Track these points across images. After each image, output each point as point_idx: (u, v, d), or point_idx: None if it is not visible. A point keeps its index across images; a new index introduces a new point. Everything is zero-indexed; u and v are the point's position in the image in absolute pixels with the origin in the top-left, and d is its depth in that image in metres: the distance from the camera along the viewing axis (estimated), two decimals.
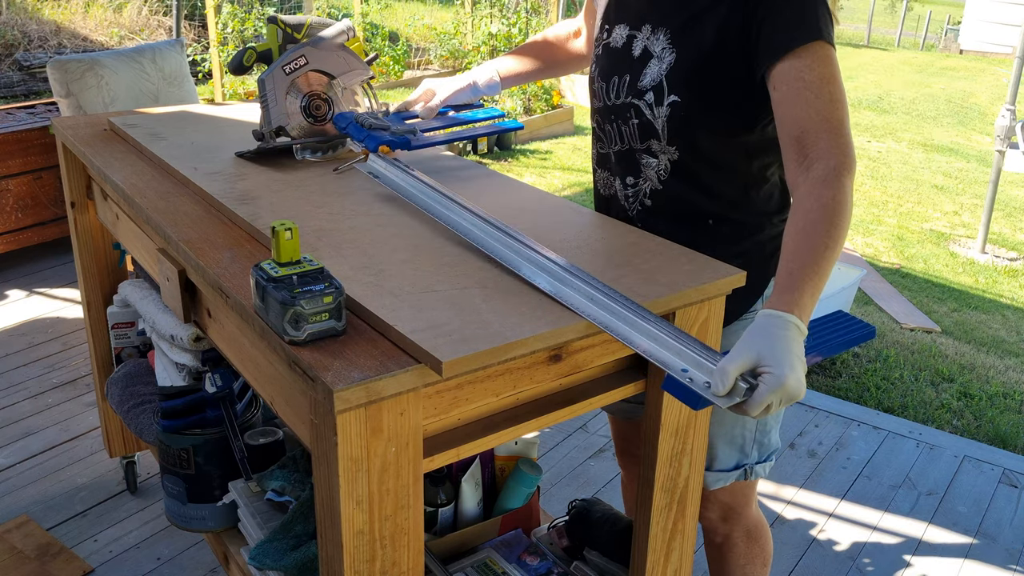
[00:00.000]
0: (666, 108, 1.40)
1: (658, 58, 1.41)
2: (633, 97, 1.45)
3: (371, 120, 1.65)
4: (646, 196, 1.50)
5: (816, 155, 1.25)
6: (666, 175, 1.46)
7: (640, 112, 1.44)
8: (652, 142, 1.45)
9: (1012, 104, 5.43)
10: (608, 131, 1.53)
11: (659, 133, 1.43)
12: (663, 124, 1.42)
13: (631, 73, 1.45)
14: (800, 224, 1.22)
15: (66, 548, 2.28)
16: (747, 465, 1.59)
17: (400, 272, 1.27)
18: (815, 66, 1.28)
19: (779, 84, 1.30)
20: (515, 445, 1.79)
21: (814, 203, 1.22)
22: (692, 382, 1.03)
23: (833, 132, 1.26)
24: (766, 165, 1.47)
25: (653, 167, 1.47)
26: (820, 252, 1.18)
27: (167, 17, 8.99)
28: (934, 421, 3.29)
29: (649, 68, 1.42)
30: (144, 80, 3.65)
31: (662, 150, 1.44)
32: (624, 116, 1.47)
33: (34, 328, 3.45)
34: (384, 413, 1.05)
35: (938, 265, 5.48)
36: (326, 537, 1.14)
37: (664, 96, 1.40)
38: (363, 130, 1.64)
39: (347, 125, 1.67)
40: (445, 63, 8.64)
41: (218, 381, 1.75)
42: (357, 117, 1.68)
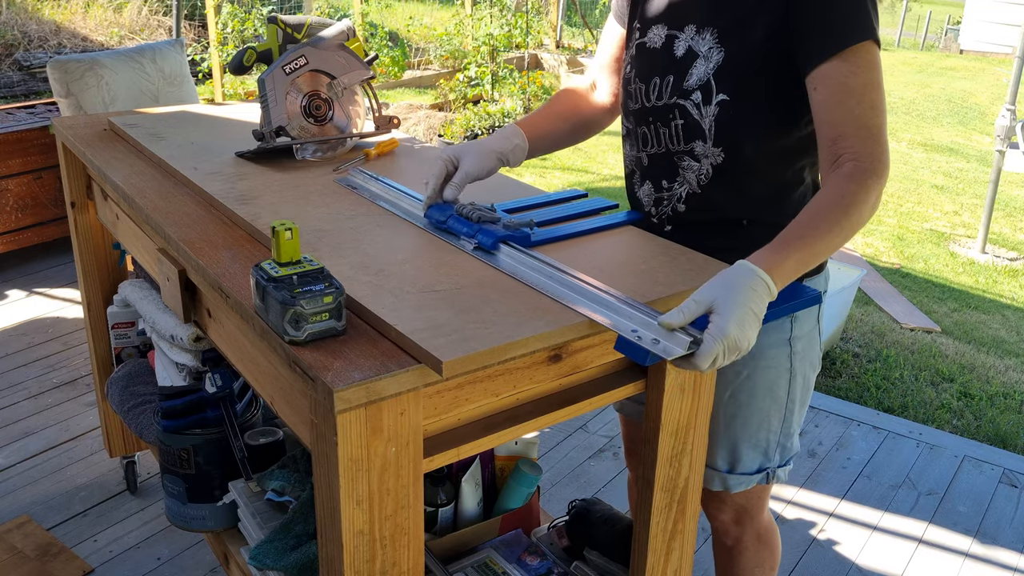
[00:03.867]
0: (715, 107, 1.38)
1: (704, 57, 1.38)
2: (678, 97, 1.41)
3: (477, 212, 1.41)
4: (680, 200, 1.47)
5: (848, 156, 1.27)
6: (707, 179, 1.43)
7: (686, 112, 1.41)
8: (696, 144, 1.41)
9: (1012, 104, 5.43)
10: (643, 133, 1.49)
11: (706, 134, 1.40)
12: (711, 124, 1.39)
13: (674, 73, 1.41)
14: (813, 205, 1.25)
15: (66, 548, 2.28)
16: (769, 468, 1.58)
17: (400, 272, 1.26)
18: (859, 71, 1.28)
19: (821, 86, 1.29)
20: (515, 445, 1.79)
21: (834, 192, 1.25)
22: (640, 339, 1.08)
23: (870, 138, 1.27)
24: (803, 166, 1.45)
25: (694, 170, 1.43)
26: (822, 232, 1.21)
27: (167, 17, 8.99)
28: (934, 421, 3.29)
29: (695, 68, 1.39)
30: (144, 80, 3.65)
31: (706, 153, 1.41)
32: (665, 117, 1.44)
33: (34, 328, 3.45)
34: (384, 413, 1.05)
35: (938, 265, 5.48)
36: (326, 537, 1.14)
37: (712, 95, 1.37)
38: (471, 224, 1.40)
39: (447, 218, 1.42)
40: (445, 63, 8.64)
41: (218, 381, 1.74)
42: (459, 209, 1.43)
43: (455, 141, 6.51)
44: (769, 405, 1.53)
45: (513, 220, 1.40)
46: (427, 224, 1.45)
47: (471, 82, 7.36)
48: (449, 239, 1.40)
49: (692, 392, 1.37)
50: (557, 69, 8.80)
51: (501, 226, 1.38)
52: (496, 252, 1.34)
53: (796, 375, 1.53)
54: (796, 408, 1.56)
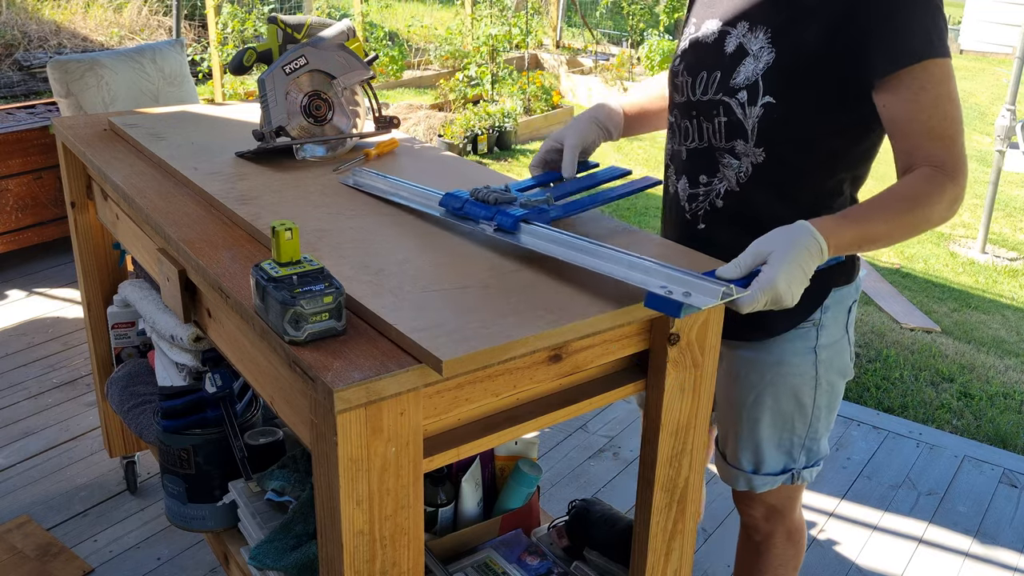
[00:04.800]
0: (759, 108, 1.36)
1: (754, 56, 1.35)
2: (724, 95, 1.39)
3: (492, 194, 1.41)
4: (718, 196, 1.45)
5: (923, 163, 1.27)
6: (746, 178, 1.41)
7: (730, 110, 1.39)
8: (738, 142, 1.40)
9: (1012, 104, 5.43)
10: (685, 127, 1.48)
11: (748, 134, 1.38)
12: (754, 124, 1.37)
13: (722, 70, 1.39)
14: (884, 193, 1.26)
15: (66, 548, 2.28)
16: (794, 470, 1.58)
17: (400, 272, 1.26)
18: (930, 86, 1.26)
19: (891, 102, 1.28)
20: (515, 445, 1.79)
21: (906, 185, 1.26)
22: (672, 293, 1.10)
23: (944, 147, 1.27)
24: (844, 178, 1.43)
25: (734, 168, 1.42)
26: (885, 218, 1.23)
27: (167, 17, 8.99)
28: (934, 421, 3.29)
29: (743, 66, 1.37)
30: (144, 80, 3.65)
31: (746, 152, 1.40)
32: (709, 113, 1.42)
33: (34, 328, 3.45)
34: (384, 413, 1.05)
35: (938, 265, 5.48)
36: (326, 537, 1.14)
37: (759, 96, 1.35)
38: (489, 207, 1.39)
39: (463, 204, 1.41)
40: (445, 63, 8.64)
41: (218, 381, 1.74)
42: (474, 193, 1.42)
43: (455, 141, 6.51)
44: (793, 410, 1.53)
45: (530, 198, 1.40)
46: (444, 212, 1.45)
47: (471, 82, 7.36)
48: (467, 225, 1.40)
49: (692, 392, 1.37)
50: (557, 69, 8.80)
51: (519, 205, 1.38)
52: (517, 232, 1.34)
53: (821, 382, 1.52)
54: (822, 414, 1.56)
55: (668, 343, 1.29)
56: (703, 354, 1.35)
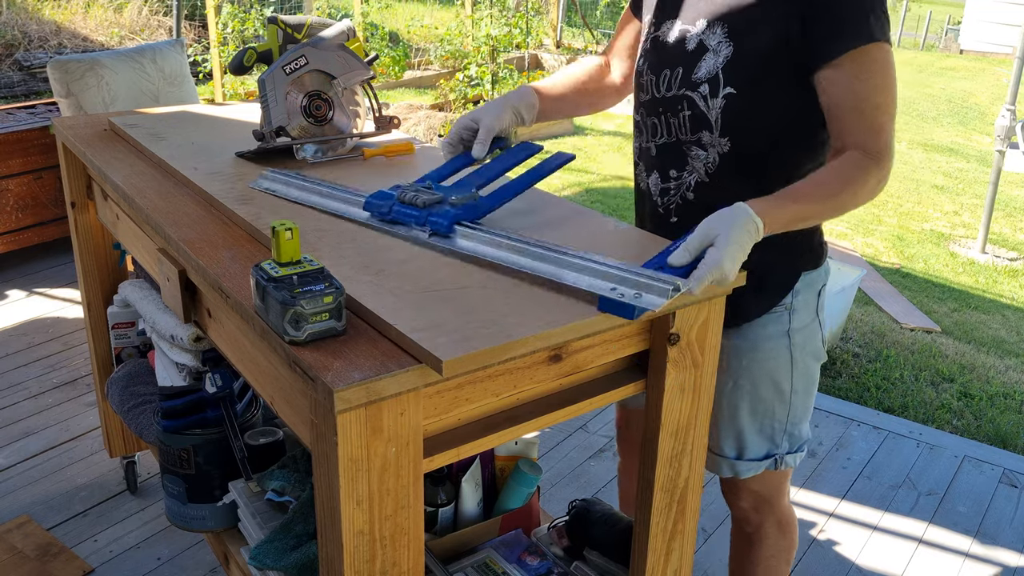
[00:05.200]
0: (721, 100, 1.41)
1: (714, 51, 1.41)
2: (687, 89, 1.45)
3: (421, 196, 1.39)
4: (689, 189, 1.50)
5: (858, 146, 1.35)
6: (714, 168, 1.46)
7: (693, 104, 1.44)
8: (703, 134, 1.45)
9: (1012, 104, 5.43)
10: (652, 123, 1.53)
11: (712, 125, 1.44)
12: (717, 116, 1.43)
13: (684, 66, 1.45)
14: (814, 176, 1.35)
15: (66, 548, 2.28)
16: (777, 455, 1.62)
17: (400, 272, 1.26)
18: (865, 75, 1.32)
19: (829, 87, 1.34)
20: (515, 445, 1.79)
21: (835, 169, 1.34)
22: (623, 296, 1.15)
23: (873, 136, 1.34)
24: (807, 161, 1.48)
25: (702, 159, 1.47)
26: (817, 199, 1.32)
27: (167, 17, 8.99)
28: (934, 421, 3.29)
29: (704, 61, 1.43)
30: (144, 80, 3.65)
31: (712, 143, 1.45)
32: (674, 108, 1.47)
33: (34, 328, 3.45)
34: (384, 413, 1.05)
35: (938, 265, 5.48)
36: (326, 537, 1.14)
37: (720, 88, 1.41)
38: (420, 210, 1.37)
39: (390, 208, 1.39)
40: (445, 63, 8.64)
41: (218, 381, 1.74)
42: (402, 196, 1.40)
43: None
44: (772, 395, 1.57)
45: (458, 196, 1.40)
46: (369, 218, 1.42)
47: (471, 82, 7.36)
48: (397, 230, 1.38)
49: (692, 392, 1.37)
50: (557, 69, 8.81)
51: (448, 204, 1.38)
52: (453, 235, 1.34)
53: (797, 365, 1.56)
54: (800, 398, 1.60)
55: (668, 343, 1.29)
56: (703, 354, 1.35)
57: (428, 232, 1.35)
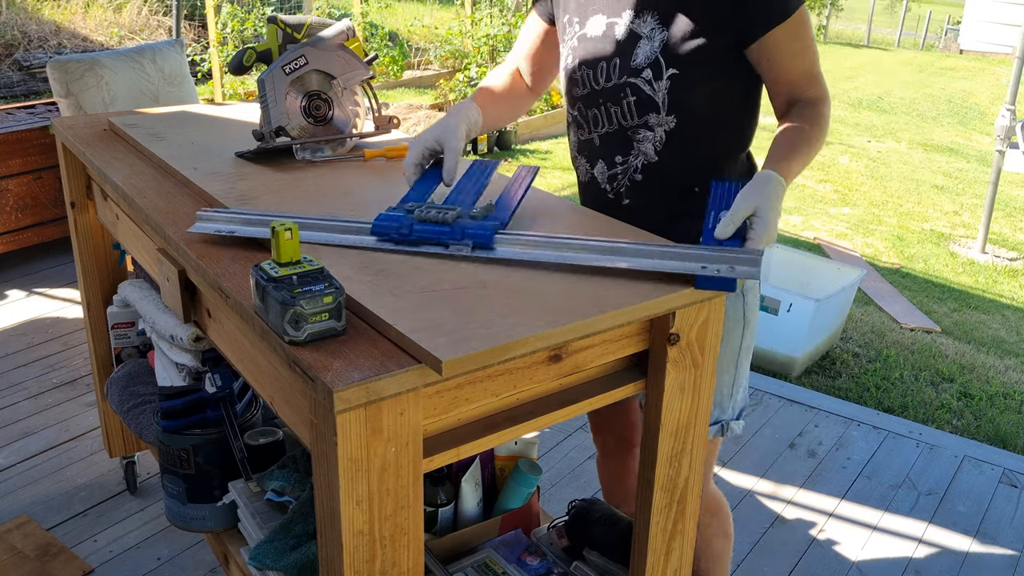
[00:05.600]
0: (667, 81, 1.47)
1: (648, 38, 1.47)
2: (628, 76, 1.50)
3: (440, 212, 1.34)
4: (637, 171, 1.56)
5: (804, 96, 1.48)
6: (661, 145, 1.52)
7: (638, 89, 1.50)
8: (650, 116, 1.51)
9: (1012, 104, 5.43)
10: (593, 115, 1.57)
11: (659, 106, 1.49)
12: (664, 97, 1.48)
13: (620, 56, 1.50)
14: (795, 125, 1.45)
15: (66, 548, 2.28)
16: (724, 421, 1.66)
17: (400, 272, 1.26)
18: (798, 34, 1.44)
19: (771, 52, 1.45)
20: (515, 445, 1.80)
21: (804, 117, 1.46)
22: (720, 272, 1.22)
23: (816, 82, 1.48)
24: (746, 129, 1.58)
25: (650, 139, 1.52)
26: (808, 145, 1.43)
27: (167, 17, 8.99)
28: (934, 421, 3.29)
29: (640, 48, 1.48)
30: (144, 80, 3.65)
31: (659, 122, 1.51)
32: (616, 97, 1.52)
33: (34, 328, 3.45)
34: (384, 413, 1.05)
35: (938, 265, 5.48)
36: (326, 537, 1.14)
37: (663, 71, 1.47)
38: (450, 226, 1.33)
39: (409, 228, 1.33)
40: (445, 63, 8.64)
41: (218, 381, 1.74)
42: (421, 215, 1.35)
43: None
44: (723, 357, 1.61)
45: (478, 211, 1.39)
46: (378, 241, 1.35)
47: (471, 82, 7.36)
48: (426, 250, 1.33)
49: (692, 392, 1.37)
50: None
51: (468, 218, 1.37)
52: (495, 247, 1.33)
53: (748, 324, 1.63)
54: (744, 357, 1.65)
55: (668, 343, 1.29)
56: (703, 354, 1.35)
57: (471, 246, 1.31)
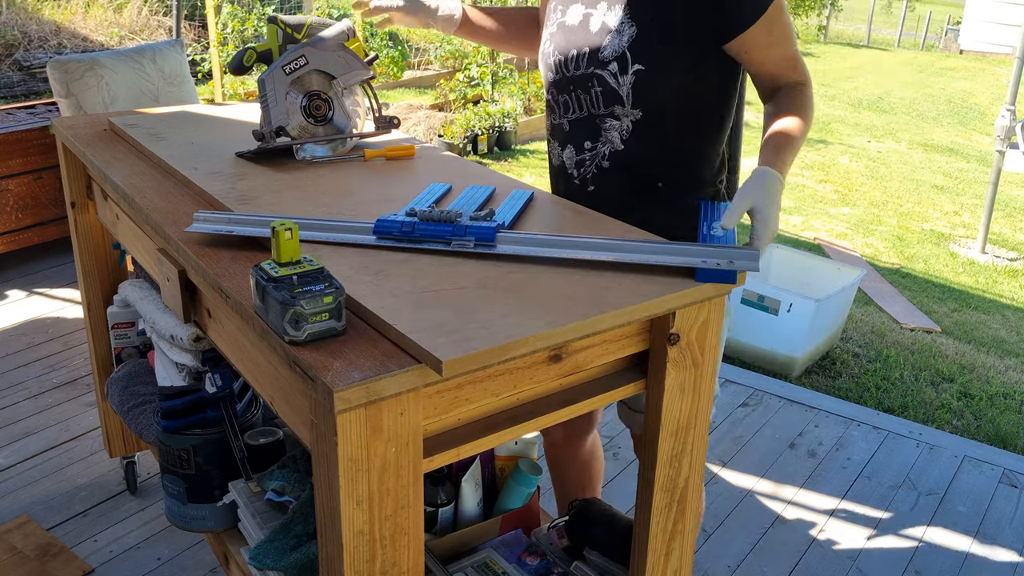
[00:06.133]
0: (631, 76, 1.50)
1: (617, 32, 1.51)
2: (596, 67, 1.53)
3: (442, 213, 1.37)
4: (604, 159, 1.59)
5: (788, 80, 1.53)
6: (628, 134, 1.55)
7: (604, 81, 1.53)
8: (616, 107, 1.54)
9: (1012, 104, 5.43)
10: (564, 101, 1.61)
11: (624, 99, 1.53)
12: (628, 91, 1.52)
13: (590, 46, 1.54)
14: (784, 112, 1.49)
15: (66, 548, 2.28)
16: None
17: (400, 272, 1.26)
18: (774, 24, 1.47)
19: (749, 46, 1.48)
20: (515, 445, 1.80)
21: (791, 103, 1.50)
22: (720, 265, 1.25)
23: (797, 66, 1.53)
24: (715, 121, 1.59)
25: (616, 128, 1.56)
26: (798, 133, 1.47)
27: (167, 17, 8.99)
28: (934, 421, 3.29)
29: (609, 41, 1.51)
30: (144, 80, 3.65)
31: (625, 113, 1.54)
32: (584, 85, 1.56)
33: (34, 328, 3.45)
34: (384, 413, 1.05)
35: (938, 265, 5.48)
36: (326, 537, 1.14)
37: (628, 65, 1.50)
38: (453, 224, 1.35)
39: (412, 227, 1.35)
40: (445, 63, 8.63)
41: (218, 381, 1.74)
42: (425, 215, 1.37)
43: (455, 141, 6.51)
44: None
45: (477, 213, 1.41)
46: (380, 240, 1.36)
47: (471, 82, 7.36)
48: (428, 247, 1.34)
49: (692, 392, 1.37)
50: None
51: (469, 219, 1.39)
52: (495, 243, 1.34)
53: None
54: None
55: (668, 343, 1.29)
56: (703, 354, 1.35)
57: (473, 242, 1.33)
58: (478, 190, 1.59)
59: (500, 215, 1.44)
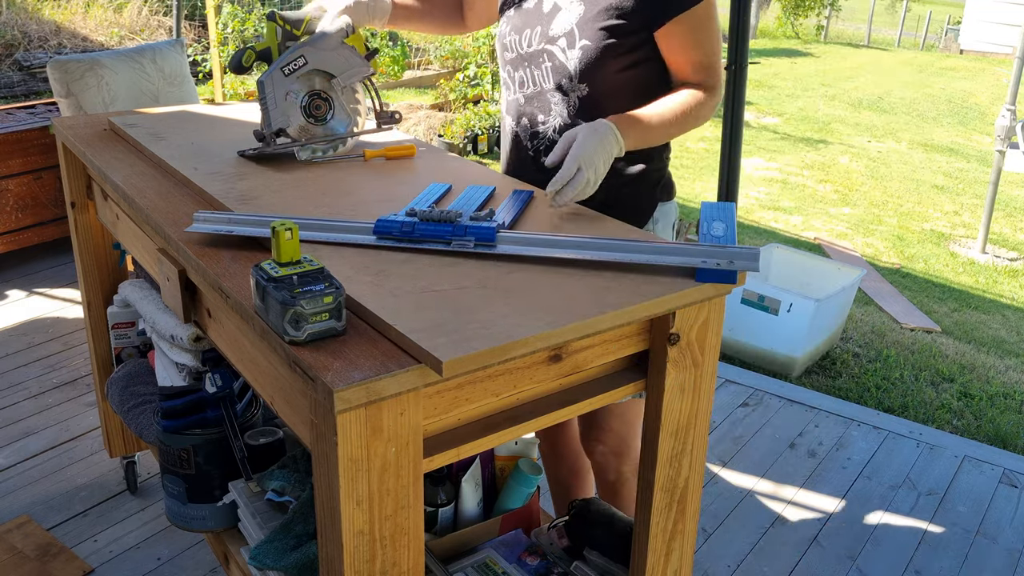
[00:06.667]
0: (578, 51, 1.61)
1: (566, 10, 1.62)
2: (546, 43, 1.64)
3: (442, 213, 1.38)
4: (555, 131, 1.69)
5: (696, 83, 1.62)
6: (575, 110, 1.65)
7: (553, 56, 1.64)
8: (563, 81, 1.64)
9: (1012, 104, 5.43)
10: (520, 77, 1.72)
11: (571, 74, 1.63)
12: (575, 65, 1.62)
13: (542, 25, 1.65)
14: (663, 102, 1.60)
15: (66, 548, 2.28)
16: None
17: (400, 272, 1.26)
18: (699, 27, 1.58)
19: (671, 40, 1.59)
20: (515, 445, 1.80)
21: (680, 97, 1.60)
22: (720, 265, 1.27)
23: (709, 72, 1.62)
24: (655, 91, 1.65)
25: (564, 103, 1.66)
26: (668, 118, 1.58)
27: (167, 17, 8.99)
28: (934, 421, 3.29)
29: (558, 19, 1.62)
30: (144, 80, 3.65)
31: (572, 88, 1.64)
32: (537, 61, 1.67)
33: (34, 328, 3.45)
34: (384, 413, 1.05)
35: (938, 265, 5.48)
36: (326, 537, 1.14)
37: (576, 41, 1.61)
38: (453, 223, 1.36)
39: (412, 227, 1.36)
40: (445, 63, 8.63)
41: (218, 381, 1.74)
42: (425, 216, 1.38)
43: (455, 141, 6.51)
44: None
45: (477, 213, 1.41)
46: (380, 240, 1.36)
47: (471, 82, 7.36)
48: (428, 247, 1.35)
49: (692, 392, 1.37)
50: None
51: (469, 219, 1.39)
52: (495, 243, 1.34)
53: None
54: None
55: (668, 343, 1.29)
56: (703, 354, 1.35)
57: (473, 242, 1.34)
58: (478, 190, 1.59)
59: (500, 215, 1.44)
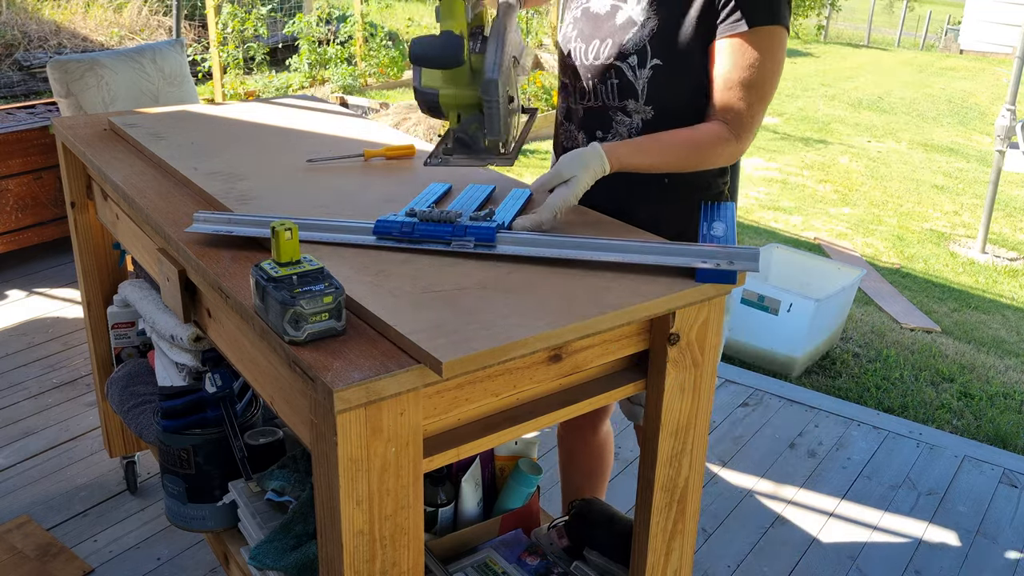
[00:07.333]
0: (648, 71, 1.52)
1: (641, 25, 1.52)
2: (616, 60, 1.54)
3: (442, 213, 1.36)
4: None
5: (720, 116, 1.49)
6: (637, 132, 1.57)
7: (621, 73, 1.54)
8: (629, 102, 1.56)
9: (1012, 104, 5.43)
10: (581, 88, 1.62)
11: (639, 94, 1.54)
12: (643, 85, 1.53)
13: (613, 38, 1.55)
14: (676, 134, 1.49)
15: (66, 548, 2.28)
16: None
17: (400, 272, 1.27)
18: (749, 53, 1.45)
19: (718, 59, 1.48)
20: (515, 445, 1.80)
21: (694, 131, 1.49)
22: (720, 265, 1.26)
23: (740, 111, 1.48)
24: None
25: (626, 124, 1.58)
26: (670, 151, 1.48)
27: (167, 17, 8.99)
28: (934, 421, 3.29)
29: (632, 34, 1.52)
30: (144, 80, 3.65)
31: (637, 109, 1.56)
32: (602, 76, 1.57)
33: (34, 328, 3.45)
34: (384, 413, 1.05)
35: (938, 265, 5.48)
36: (326, 537, 1.14)
37: (647, 60, 1.52)
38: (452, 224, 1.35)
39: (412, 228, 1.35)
40: None
41: (218, 381, 1.74)
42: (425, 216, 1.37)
43: None
44: None
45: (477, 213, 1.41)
46: (380, 240, 1.36)
47: None
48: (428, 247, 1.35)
49: (692, 392, 1.37)
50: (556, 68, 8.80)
51: (469, 219, 1.38)
52: (495, 244, 1.34)
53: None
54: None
55: (668, 343, 1.29)
56: (703, 354, 1.35)
57: (473, 242, 1.34)
58: (478, 190, 1.59)
59: (500, 215, 1.44)
